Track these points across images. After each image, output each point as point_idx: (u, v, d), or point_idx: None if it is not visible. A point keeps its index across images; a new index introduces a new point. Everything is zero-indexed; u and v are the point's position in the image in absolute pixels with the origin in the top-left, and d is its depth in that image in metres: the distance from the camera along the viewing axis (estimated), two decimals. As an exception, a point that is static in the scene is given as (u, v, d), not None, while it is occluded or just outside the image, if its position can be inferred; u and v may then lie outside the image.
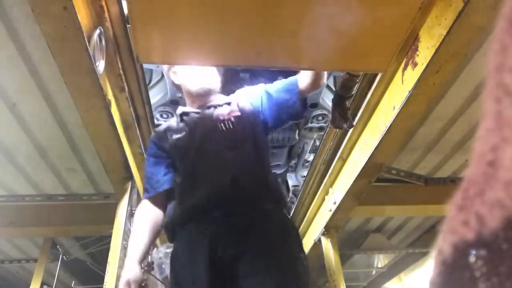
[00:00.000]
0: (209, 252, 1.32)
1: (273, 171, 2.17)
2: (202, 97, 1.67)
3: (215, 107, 1.63)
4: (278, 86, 1.65)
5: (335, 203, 2.48)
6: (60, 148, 2.38)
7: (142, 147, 2.07)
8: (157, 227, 1.56)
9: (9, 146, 2.33)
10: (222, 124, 1.56)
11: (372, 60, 1.59)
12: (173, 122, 1.71)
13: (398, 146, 2.05)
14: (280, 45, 1.51)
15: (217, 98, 1.69)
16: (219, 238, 1.35)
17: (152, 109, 2.10)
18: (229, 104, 1.64)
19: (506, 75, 0.20)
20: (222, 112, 1.61)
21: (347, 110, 1.94)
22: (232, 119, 1.58)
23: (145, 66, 1.94)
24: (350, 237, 4.00)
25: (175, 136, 1.61)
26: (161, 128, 1.71)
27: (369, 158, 2.00)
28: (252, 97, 1.66)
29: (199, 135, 1.56)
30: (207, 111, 1.63)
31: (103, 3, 1.41)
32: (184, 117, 1.65)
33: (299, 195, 2.99)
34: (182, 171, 1.55)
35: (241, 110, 1.61)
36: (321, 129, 2.63)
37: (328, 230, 2.76)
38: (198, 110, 1.65)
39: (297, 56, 1.58)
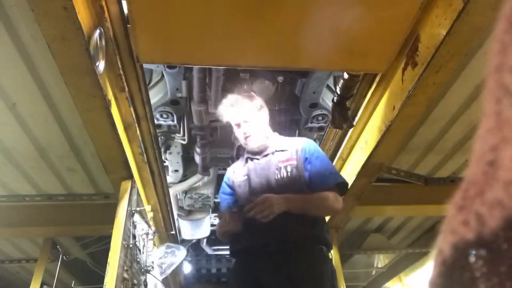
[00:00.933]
0: (256, 278, 1.67)
1: None
2: (257, 152, 1.94)
3: (273, 153, 1.89)
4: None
5: (335, 203, 2.48)
6: (60, 148, 2.38)
7: (142, 147, 2.07)
8: None
9: (9, 146, 2.32)
10: (277, 171, 1.81)
11: (372, 60, 1.59)
12: (239, 164, 2.01)
13: (398, 146, 2.05)
14: (280, 45, 1.51)
15: (273, 142, 1.94)
16: (264, 270, 1.66)
17: (152, 109, 2.10)
18: (285, 150, 1.87)
19: (506, 75, 0.20)
20: (279, 158, 1.85)
21: (347, 110, 1.94)
22: (289, 168, 1.80)
23: (145, 66, 1.93)
24: (350, 237, 4.00)
25: (238, 180, 1.91)
26: (231, 169, 2.04)
27: (369, 158, 2.00)
28: (305, 153, 1.86)
29: (257, 182, 1.83)
30: (265, 159, 1.89)
31: (103, 3, 1.41)
32: (248, 161, 1.94)
33: (299, 195, 2.98)
34: (241, 210, 1.78)
35: (297, 160, 1.83)
36: (321, 129, 2.63)
37: (328, 230, 2.76)
38: (258, 157, 1.92)
39: (297, 56, 1.58)
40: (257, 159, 1.91)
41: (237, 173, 1.95)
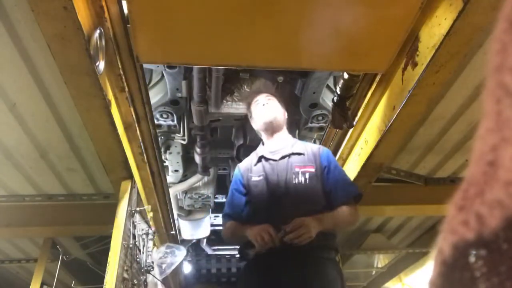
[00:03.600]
0: (272, 280, 1.61)
1: None
2: (268, 130, 1.93)
3: (289, 156, 1.83)
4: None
5: (335, 203, 2.48)
6: (60, 148, 2.38)
7: (142, 147, 2.07)
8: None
9: (9, 146, 2.32)
10: (295, 176, 1.76)
11: (372, 60, 1.59)
12: (250, 162, 1.93)
13: (398, 146, 2.05)
14: (280, 45, 1.51)
15: (289, 143, 1.91)
16: (281, 273, 1.61)
17: (152, 109, 2.10)
18: (302, 154, 1.83)
19: (506, 75, 0.20)
20: (296, 162, 1.81)
21: (347, 110, 1.94)
22: (307, 175, 1.76)
23: (145, 66, 1.93)
24: (350, 237, 4.00)
25: (254, 179, 1.84)
26: (243, 166, 1.96)
27: (369, 158, 1.99)
28: (323, 160, 1.83)
29: (275, 184, 1.77)
30: (283, 161, 1.83)
31: (103, 3, 1.41)
32: (263, 161, 1.87)
33: (299, 195, 2.98)
34: (256, 211, 1.79)
35: (316, 167, 1.79)
36: (321, 129, 2.63)
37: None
38: (275, 158, 1.85)
39: (297, 56, 1.58)
40: (274, 160, 1.85)
41: (252, 170, 1.88)
